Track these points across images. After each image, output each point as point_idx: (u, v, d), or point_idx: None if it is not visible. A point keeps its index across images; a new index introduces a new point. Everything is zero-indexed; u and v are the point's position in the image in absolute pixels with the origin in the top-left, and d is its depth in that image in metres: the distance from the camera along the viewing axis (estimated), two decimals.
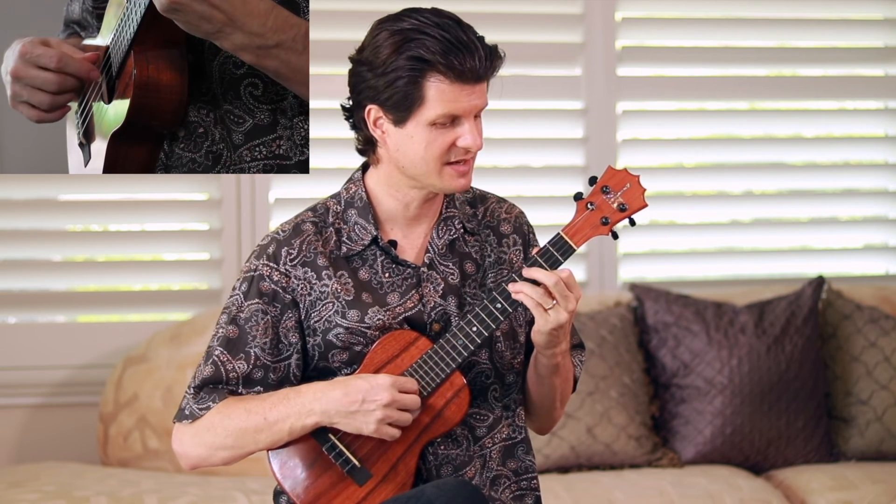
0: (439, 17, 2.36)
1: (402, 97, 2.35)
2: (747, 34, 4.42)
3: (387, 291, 2.46)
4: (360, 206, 2.48)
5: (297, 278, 2.46)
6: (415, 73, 2.33)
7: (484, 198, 2.58)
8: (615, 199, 2.44)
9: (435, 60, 2.32)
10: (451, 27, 2.34)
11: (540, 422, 2.59)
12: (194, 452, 2.45)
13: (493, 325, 2.40)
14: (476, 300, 2.48)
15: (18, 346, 4.03)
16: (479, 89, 2.37)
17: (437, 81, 2.34)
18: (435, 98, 2.35)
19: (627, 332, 3.98)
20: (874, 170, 4.51)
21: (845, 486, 3.74)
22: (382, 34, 2.36)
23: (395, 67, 2.34)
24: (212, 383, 2.45)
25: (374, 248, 2.48)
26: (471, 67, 2.34)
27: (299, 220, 2.50)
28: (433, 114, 2.36)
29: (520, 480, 2.52)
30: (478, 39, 2.36)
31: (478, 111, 2.40)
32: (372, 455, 2.42)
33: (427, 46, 2.33)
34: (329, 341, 2.45)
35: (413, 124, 2.37)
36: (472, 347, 2.40)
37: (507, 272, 2.52)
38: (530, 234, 2.58)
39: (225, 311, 2.48)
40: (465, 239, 2.52)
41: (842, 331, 4.05)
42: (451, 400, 2.42)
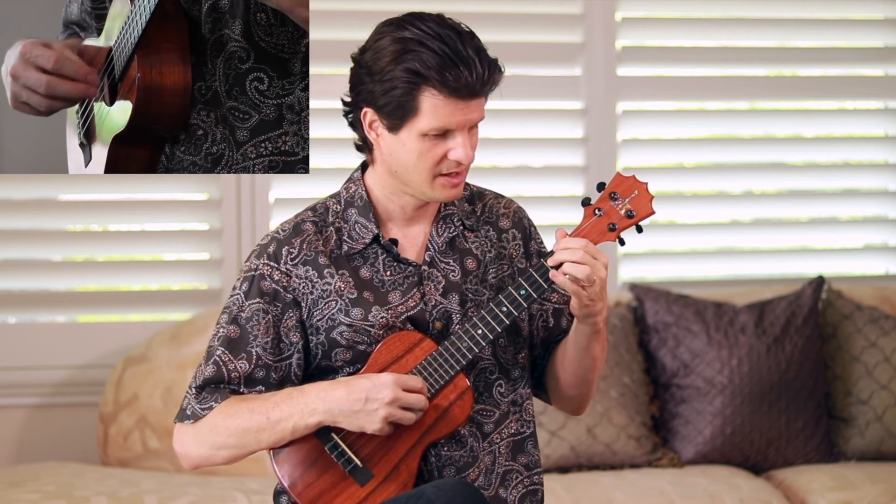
0: (442, 27, 2.36)
1: (396, 106, 2.36)
2: (747, 34, 4.42)
3: (388, 290, 2.47)
4: (361, 205, 2.49)
5: (299, 277, 2.46)
6: (410, 85, 2.34)
7: (482, 194, 2.59)
8: (623, 206, 2.44)
9: (430, 75, 2.33)
10: (451, 39, 2.34)
11: (577, 401, 2.58)
12: (196, 452, 2.45)
13: (498, 328, 2.41)
14: (477, 296, 2.49)
15: (18, 346, 4.03)
16: (474, 104, 2.38)
17: (432, 95, 2.34)
18: (428, 111, 2.35)
19: (627, 332, 3.98)
20: (874, 170, 4.51)
21: (845, 486, 3.73)
22: (384, 40, 2.37)
23: (391, 77, 2.35)
24: (213, 383, 2.45)
25: (376, 247, 2.49)
26: (466, 83, 2.34)
27: (299, 219, 2.50)
28: (426, 126, 2.36)
29: (532, 475, 2.53)
30: (477, 54, 2.35)
31: (472, 125, 2.40)
32: (374, 455, 2.42)
33: (423, 60, 2.33)
34: (333, 339, 2.45)
35: (406, 133, 2.38)
36: (476, 350, 2.41)
37: (508, 267, 2.53)
38: (531, 228, 2.59)
39: (225, 311, 2.48)
40: (465, 235, 2.53)
41: (842, 331, 4.05)
42: (455, 402, 2.42)
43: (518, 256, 2.54)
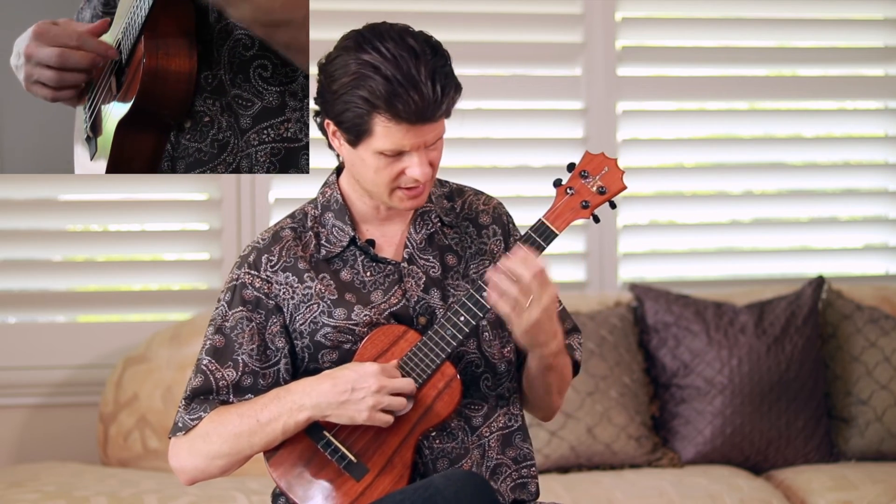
0: (400, 47, 2.34)
1: (351, 125, 2.38)
2: (747, 34, 4.42)
3: (370, 290, 2.48)
4: (337, 209, 2.51)
5: (279, 283, 2.48)
6: (362, 110, 2.35)
7: (461, 191, 2.61)
8: (594, 183, 2.45)
9: (379, 104, 2.33)
10: (405, 62, 2.33)
11: (540, 412, 2.61)
12: (191, 464, 2.46)
13: (480, 313, 2.41)
14: (460, 291, 2.50)
15: (18, 346, 4.03)
16: (427, 128, 2.37)
17: (383, 121, 2.35)
18: (381, 134, 2.36)
19: (627, 332, 3.98)
20: (874, 170, 4.51)
21: (845, 486, 3.74)
22: (345, 58, 2.37)
23: (347, 99, 2.36)
24: (202, 394, 2.47)
25: (353, 249, 2.50)
26: (416, 110, 2.33)
27: (278, 227, 2.54)
28: (380, 146, 2.38)
29: (520, 468, 2.54)
30: (431, 77, 2.33)
31: (428, 144, 2.40)
32: (367, 449, 2.43)
33: (372, 88, 2.33)
34: (318, 342, 2.47)
35: (363, 149, 2.40)
36: (460, 337, 2.41)
37: (490, 262, 2.53)
38: (510, 224, 2.61)
39: (211, 323, 2.51)
40: (443, 232, 2.54)
41: (842, 331, 4.06)
42: (443, 390, 2.43)
43: (499, 252, 2.56)
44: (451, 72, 2.37)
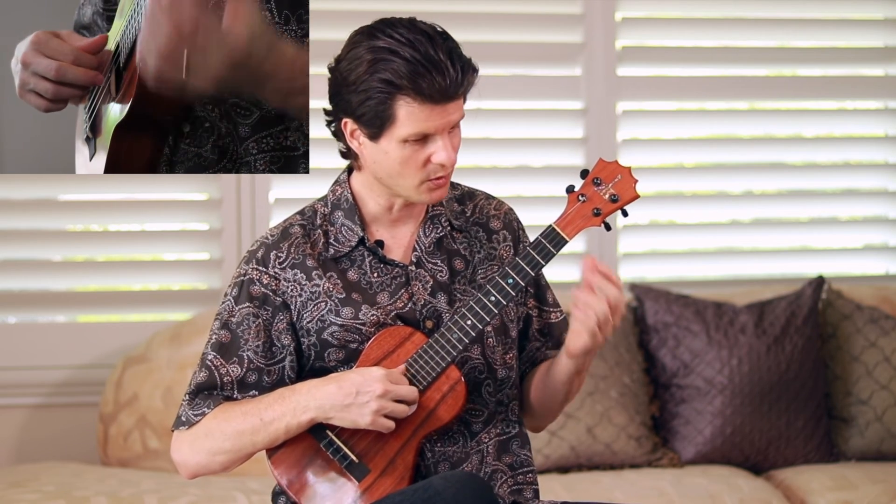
0: (413, 32, 2.35)
1: (374, 115, 2.37)
2: (747, 34, 4.42)
3: (376, 291, 2.48)
4: (347, 208, 2.50)
5: (287, 280, 2.47)
6: (384, 94, 2.34)
7: (472, 195, 2.60)
8: (606, 191, 2.45)
9: (402, 84, 2.33)
10: (422, 44, 2.34)
11: (542, 420, 2.60)
12: (193, 459, 2.46)
13: (487, 317, 2.41)
14: (467, 296, 2.49)
15: (18, 346, 4.03)
16: (451, 107, 2.37)
17: (406, 103, 2.35)
18: (405, 118, 2.36)
19: (627, 332, 3.98)
20: (874, 170, 4.51)
21: (845, 486, 3.73)
22: (357, 50, 2.37)
23: (366, 87, 2.35)
24: (206, 389, 2.47)
25: (362, 249, 2.50)
26: (440, 88, 2.34)
27: (287, 223, 2.52)
28: (404, 132, 2.37)
29: (516, 475, 2.53)
30: (449, 56, 2.35)
31: (451, 126, 2.40)
32: (370, 450, 2.43)
33: (395, 69, 2.33)
34: (324, 340, 2.46)
35: (386, 140, 2.39)
36: (466, 341, 2.41)
37: (498, 267, 2.53)
38: (520, 231, 2.60)
39: (217, 318, 2.50)
40: (452, 236, 2.54)
41: (842, 331, 4.05)
42: (448, 393, 2.43)
43: (509, 258, 2.55)
44: (464, 54, 2.38)
